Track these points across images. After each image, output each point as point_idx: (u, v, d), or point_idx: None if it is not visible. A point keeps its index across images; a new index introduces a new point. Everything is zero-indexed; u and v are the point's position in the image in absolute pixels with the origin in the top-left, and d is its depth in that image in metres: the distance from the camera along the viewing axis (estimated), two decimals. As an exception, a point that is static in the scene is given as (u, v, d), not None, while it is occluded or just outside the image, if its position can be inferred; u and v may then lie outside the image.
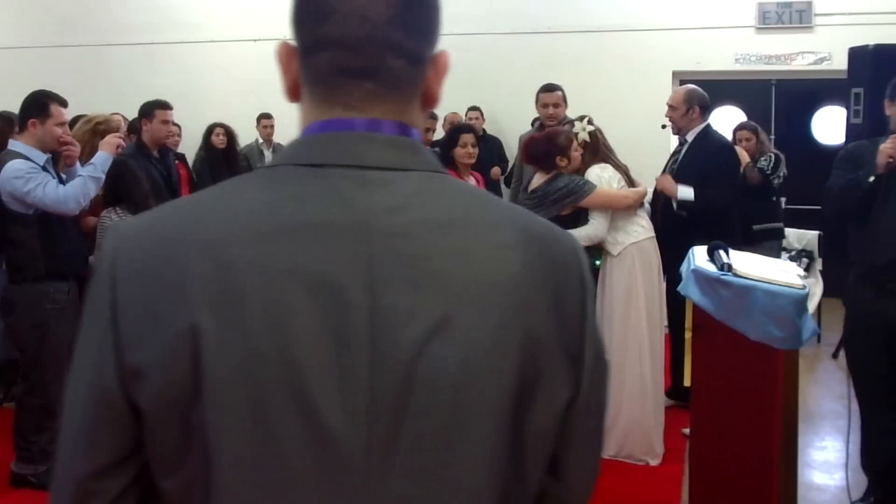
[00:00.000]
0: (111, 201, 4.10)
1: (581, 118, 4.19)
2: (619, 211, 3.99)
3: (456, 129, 4.58)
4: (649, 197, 4.45)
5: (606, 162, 4.09)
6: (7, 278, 3.72)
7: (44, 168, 3.62)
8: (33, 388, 3.61)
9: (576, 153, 3.98)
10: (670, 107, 4.61)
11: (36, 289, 3.62)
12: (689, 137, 4.56)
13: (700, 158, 4.45)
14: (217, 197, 0.83)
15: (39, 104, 3.68)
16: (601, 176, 4.00)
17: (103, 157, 3.80)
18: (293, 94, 0.89)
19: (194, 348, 0.75)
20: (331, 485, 0.76)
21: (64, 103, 3.73)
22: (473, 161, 4.39)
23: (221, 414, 0.75)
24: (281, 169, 0.83)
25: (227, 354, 0.75)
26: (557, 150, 3.94)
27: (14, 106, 4.64)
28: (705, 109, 4.57)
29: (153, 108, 4.69)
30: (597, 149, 4.09)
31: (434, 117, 6.98)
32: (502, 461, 0.80)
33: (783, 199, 6.08)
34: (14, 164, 3.55)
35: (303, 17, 0.84)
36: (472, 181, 4.45)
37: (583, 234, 3.92)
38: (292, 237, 0.77)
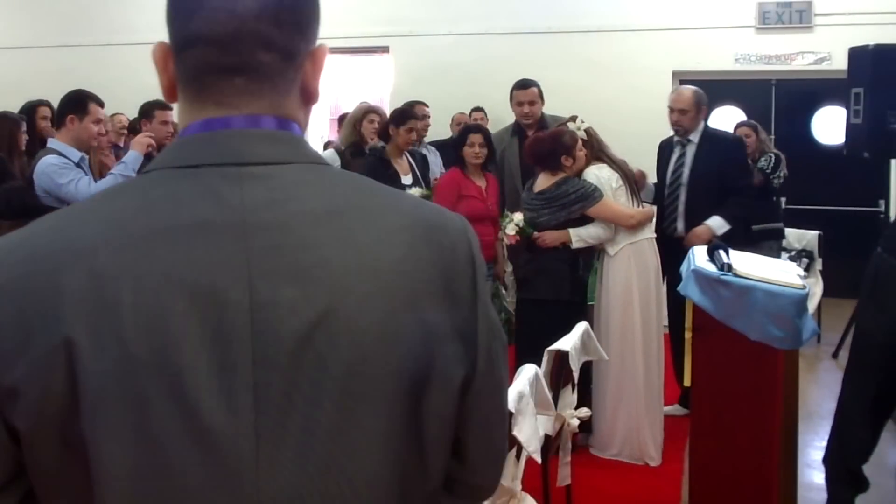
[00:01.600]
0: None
1: (573, 118, 4.17)
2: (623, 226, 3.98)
3: (465, 129, 4.64)
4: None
5: (602, 161, 4.08)
6: None
7: (77, 165, 3.75)
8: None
9: (580, 152, 3.96)
10: (680, 111, 4.45)
11: None
12: (694, 137, 4.49)
13: (714, 157, 4.41)
14: (90, 207, 0.81)
15: (78, 100, 3.82)
16: (599, 176, 3.97)
17: (134, 156, 3.92)
18: (170, 94, 0.87)
19: (69, 362, 0.72)
20: (220, 487, 0.74)
21: (101, 103, 3.87)
22: (481, 161, 4.42)
23: (101, 427, 0.72)
24: (156, 174, 0.81)
25: (102, 364, 0.72)
26: (563, 149, 3.90)
27: (14, 106, 4.65)
28: (708, 108, 4.61)
29: (153, 109, 4.69)
30: (592, 148, 4.07)
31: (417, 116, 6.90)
32: (400, 448, 0.79)
33: (783, 199, 6.08)
34: (48, 159, 3.70)
35: (173, 13, 0.82)
36: (482, 182, 4.44)
37: (592, 234, 3.91)
38: (167, 240, 0.75)
